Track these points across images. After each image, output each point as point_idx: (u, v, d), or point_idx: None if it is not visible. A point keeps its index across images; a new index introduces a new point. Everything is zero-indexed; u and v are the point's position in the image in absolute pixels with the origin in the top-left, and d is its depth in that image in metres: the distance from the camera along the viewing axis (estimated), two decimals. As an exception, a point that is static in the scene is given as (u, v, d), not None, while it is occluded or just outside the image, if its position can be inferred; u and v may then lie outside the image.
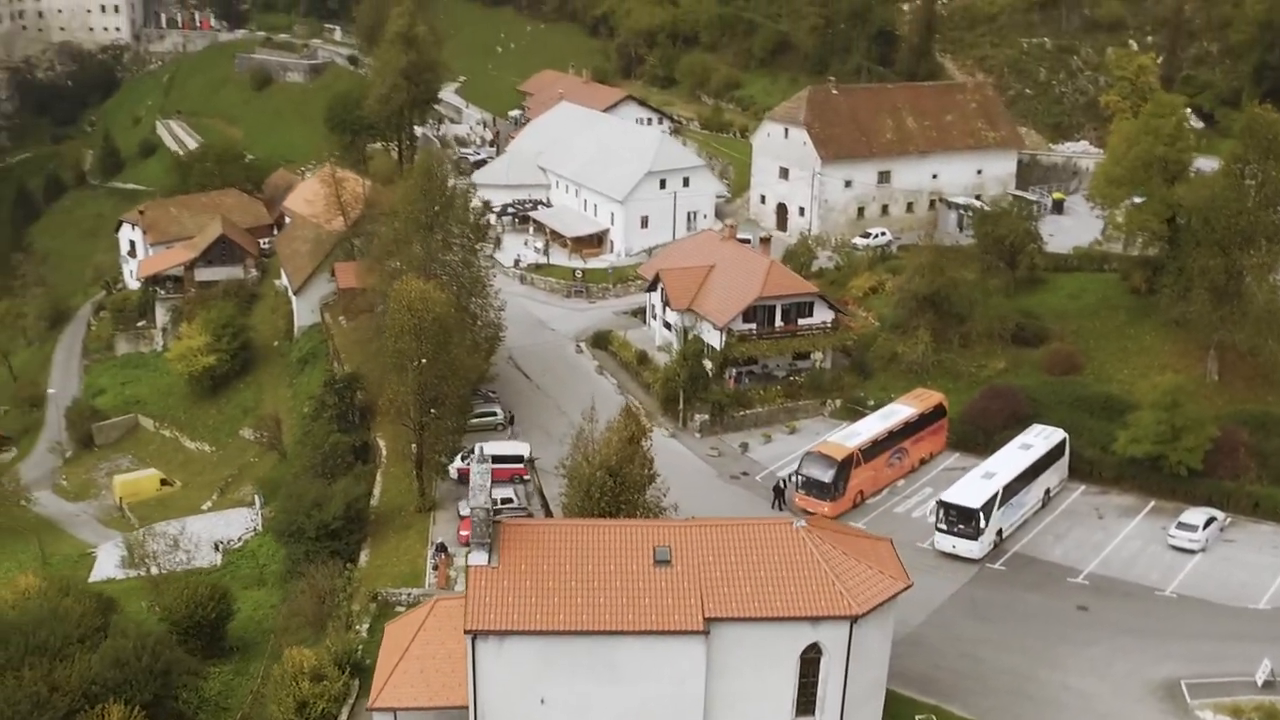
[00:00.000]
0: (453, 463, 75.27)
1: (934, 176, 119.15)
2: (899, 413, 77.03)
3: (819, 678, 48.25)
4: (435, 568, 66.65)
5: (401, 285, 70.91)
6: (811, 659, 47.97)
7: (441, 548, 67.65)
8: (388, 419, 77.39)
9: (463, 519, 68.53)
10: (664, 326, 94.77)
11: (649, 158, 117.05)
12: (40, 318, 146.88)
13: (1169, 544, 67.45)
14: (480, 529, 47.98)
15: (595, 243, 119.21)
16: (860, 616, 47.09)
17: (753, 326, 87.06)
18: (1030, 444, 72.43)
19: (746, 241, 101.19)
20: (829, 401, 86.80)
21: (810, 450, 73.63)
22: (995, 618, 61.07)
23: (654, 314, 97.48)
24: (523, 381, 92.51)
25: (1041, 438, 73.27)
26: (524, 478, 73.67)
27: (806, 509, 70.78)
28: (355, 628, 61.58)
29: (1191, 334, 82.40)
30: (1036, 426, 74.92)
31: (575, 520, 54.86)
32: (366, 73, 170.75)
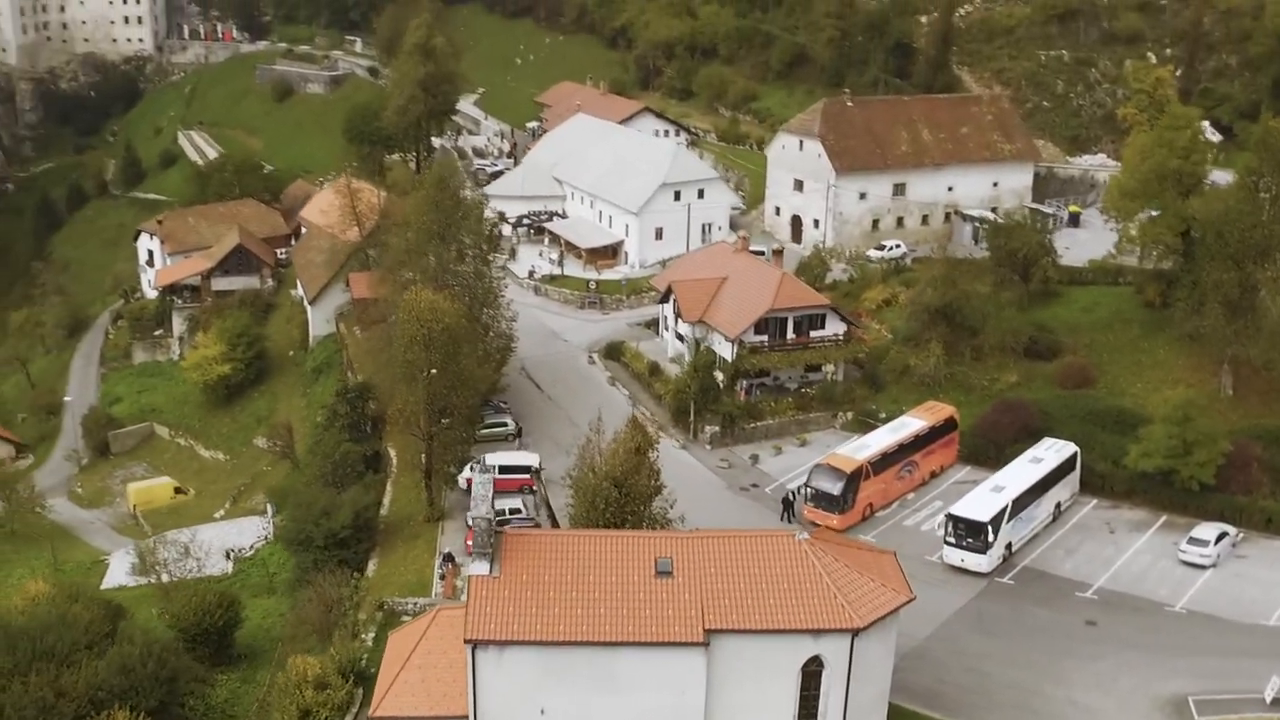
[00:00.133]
0: (462, 473, 75.32)
1: (949, 189, 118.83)
2: (909, 426, 76.72)
3: (820, 691, 48.01)
4: (443, 577, 66.65)
5: (411, 296, 71.10)
6: (813, 672, 47.72)
7: (449, 557, 67.65)
8: (397, 429, 77.58)
9: (470, 529, 68.40)
10: (676, 338, 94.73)
11: (664, 169, 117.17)
12: (59, 326, 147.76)
13: (1180, 559, 66.91)
14: (481, 539, 48.03)
15: (610, 254, 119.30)
16: (862, 630, 46.86)
17: (764, 338, 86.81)
18: (1041, 458, 72.02)
19: (760, 254, 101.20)
20: (840, 414, 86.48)
21: (819, 463, 73.39)
22: (1002, 632, 60.68)
23: (666, 325, 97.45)
24: (534, 392, 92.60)
25: (1052, 451, 72.84)
26: (531, 488, 73.71)
27: (815, 521, 70.70)
28: (361, 636, 61.66)
29: (1205, 348, 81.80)
30: (1047, 440, 74.48)
31: (577, 531, 54.83)
32: (386, 84, 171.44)
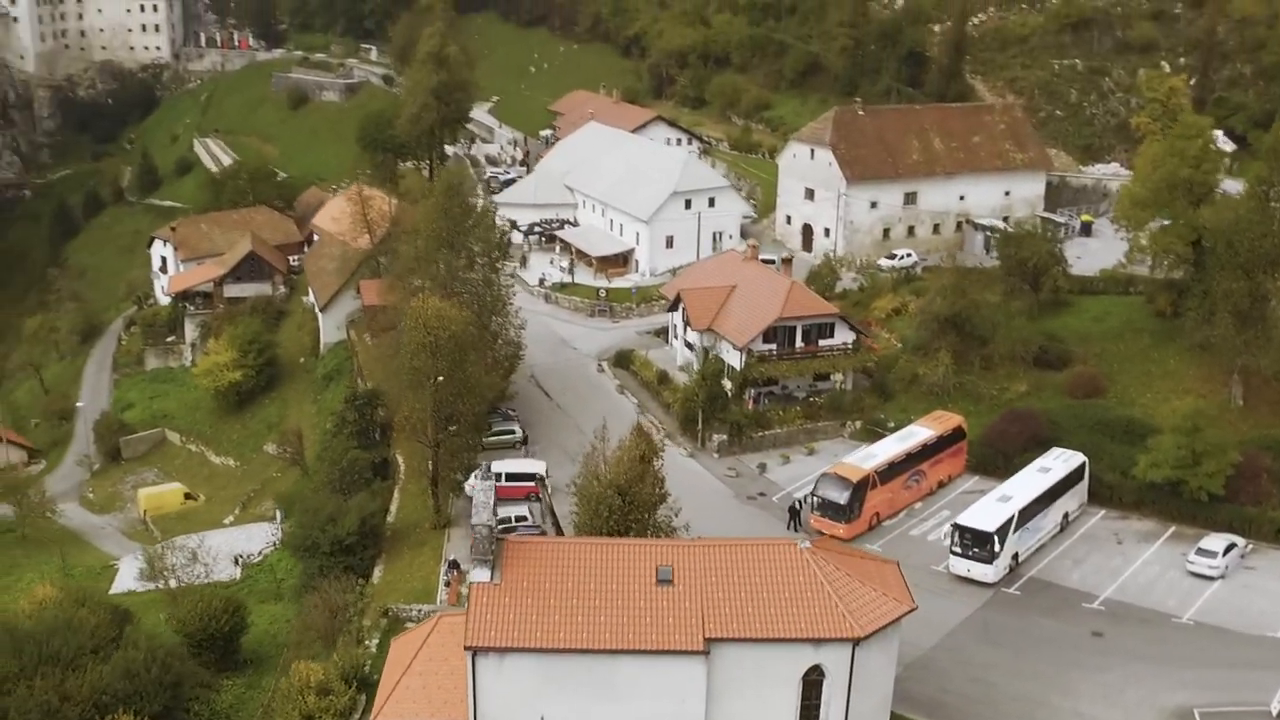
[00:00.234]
0: (468, 480, 75.27)
1: (961, 198, 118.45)
2: (917, 435, 76.51)
3: (821, 700, 47.82)
4: (448, 584, 66.65)
5: (418, 303, 71.20)
6: (814, 681, 47.53)
7: (454, 564, 67.64)
8: (405, 436, 77.68)
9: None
10: (685, 346, 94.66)
11: (674, 178, 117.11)
12: (73, 332, 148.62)
13: (1188, 570, 66.48)
14: (482, 546, 48.02)
15: (620, 262, 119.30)
16: (863, 639, 46.68)
17: (773, 347, 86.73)
18: (1048, 467, 71.72)
19: (770, 262, 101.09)
20: (849, 423, 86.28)
21: (826, 472, 73.24)
22: (1007, 642, 60.37)
23: (676, 334, 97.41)
24: (543, 400, 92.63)
25: (1060, 461, 72.53)
26: (536, 496, 73.69)
27: (822, 530, 70.54)
28: (365, 643, 61.72)
29: (1216, 358, 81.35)
30: (1056, 450, 74.15)
31: (578, 539, 54.81)
32: (400, 92, 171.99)
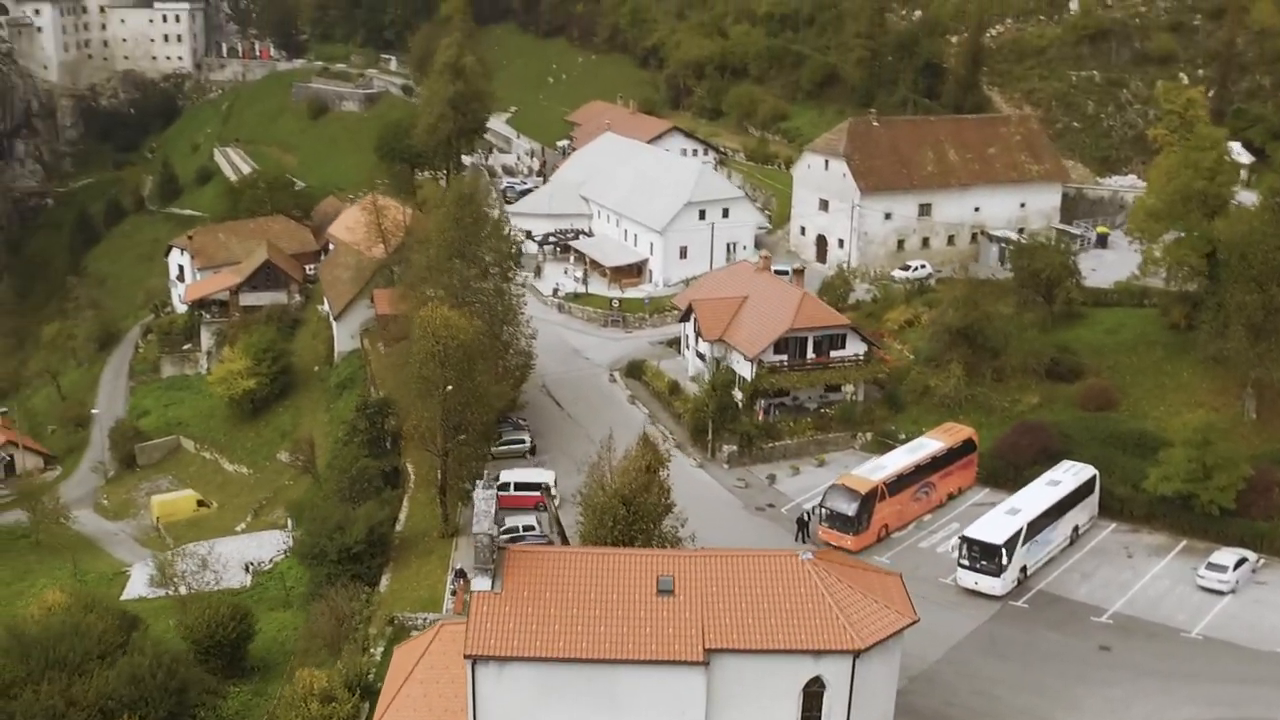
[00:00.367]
0: (477, 489, 75.27)
1: (976, 209, 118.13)
2: (926, 447, 76.19)
3: (822, 712, 47.52)
4: (454, 593, 66.67)
5: (426, 312, 71.35)
6: (814, 693, 47.27)
7: (461, 573, 67.50)
8: (414, 444, 77.81)
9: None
10: (697, 357, 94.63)
11: (689, 188, 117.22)
12: (90, 340, 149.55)
13: (1198, 584, 65.94)
14: (483, 554, 48.09)
15: (634, 272, 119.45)
16: (863, 651, 46.44)
17: (784, 358, 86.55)
18: (1058, 480, 71.31)
19: (783, 273, 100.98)
20: (860, 435, 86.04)
21: (834, 483, 73.02)
22: (1014, 656, 59.97)
23: (687, 344, 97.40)
24: (554, 409, 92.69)
25: (1070, 474, 72.08)
26: (542, 506, 73.72)
27: (830, 542, 70.32)
28: (370, 651, 61.81)
29: (1230, 371, 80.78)
30: (1066, 463, 73.74)
31: (580, 548, 54.75)
32: (418, 102, 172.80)
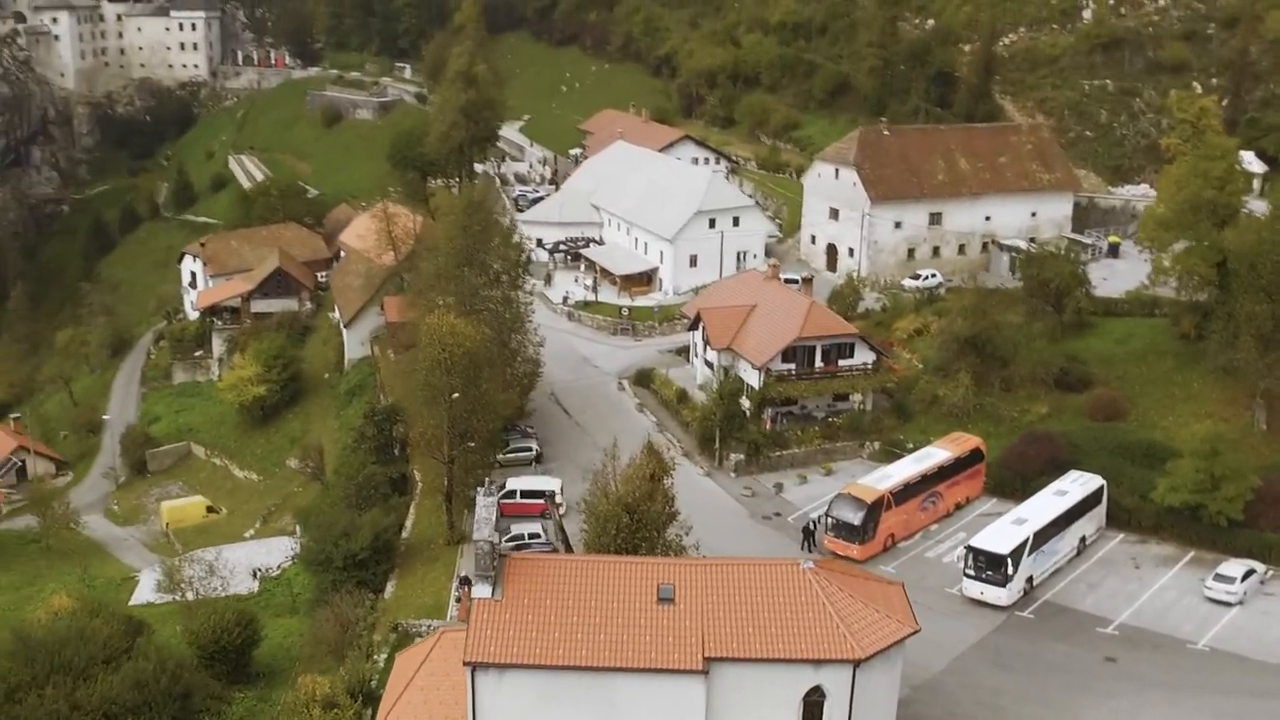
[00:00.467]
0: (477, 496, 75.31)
1: (987, 218, 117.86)
2: (933, 456, 76.00)
3: (822, 722, 47.59)
4: (458, 600, 66.67)
5: (433, 319, 71.49)
6: (815, 702, 47.14)
7: (466, 580, 67.15)
8: (420, 452, 77.92)
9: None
10: (705, 365, 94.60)
11: (699, 197, 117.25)
12: (103, 346, 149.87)
13: (1205, 596, 65.63)
14: (483, 562, 48.08)
15: (644, 281, 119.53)
16: (864, 660, 46.31)
17: (792, 367, 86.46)
18: (1065, 490, 71.00)
19: (792, 282, 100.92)
20: (868, 444, 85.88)
21: (840, 492, 72.86)
22: (1018, 667, 59.71)
23: (696, 352, 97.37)
24: (563, 417, 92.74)
25: (1078, 484, 71.78)
26: (546, 513, 73.75)
27: (836, 551, 70.20)
28: (373, 657, 61.87)
29: (1239, 382, 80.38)
30: (1073, 473, 73.43)
31: (581, 556, 54.72)
32: (431, 110, 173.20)
